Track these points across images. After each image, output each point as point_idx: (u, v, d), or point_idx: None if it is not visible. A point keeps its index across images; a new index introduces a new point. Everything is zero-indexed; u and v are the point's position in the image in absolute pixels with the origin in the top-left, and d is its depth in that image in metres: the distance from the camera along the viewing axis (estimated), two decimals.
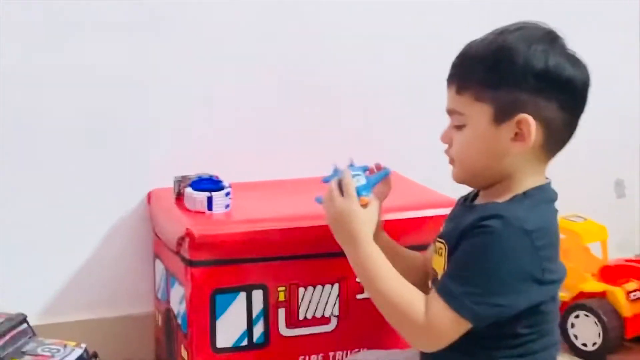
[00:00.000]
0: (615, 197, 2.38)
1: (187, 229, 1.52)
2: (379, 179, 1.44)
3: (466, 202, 1.38)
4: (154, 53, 1.81)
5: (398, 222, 1.61)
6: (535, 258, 1.21)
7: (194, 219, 1.58)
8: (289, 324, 1.59)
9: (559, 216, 2.13)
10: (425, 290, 1.28)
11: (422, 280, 1.38)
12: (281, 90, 1.93)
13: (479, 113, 1.25)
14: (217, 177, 1.70)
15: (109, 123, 1.79)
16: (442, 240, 1.31)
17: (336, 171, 1.41)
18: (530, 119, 1.22)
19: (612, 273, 1.97)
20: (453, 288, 1.22)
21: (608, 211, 2.26)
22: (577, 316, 1.93)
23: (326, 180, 1.40)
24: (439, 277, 1.30)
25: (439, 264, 1.31)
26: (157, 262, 1.79)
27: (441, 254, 1.31)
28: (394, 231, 1.50)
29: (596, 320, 1.90)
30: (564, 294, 1.97)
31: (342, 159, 1.43)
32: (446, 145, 1.33)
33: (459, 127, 1.29)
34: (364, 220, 1.33)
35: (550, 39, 1.25)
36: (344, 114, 1.99)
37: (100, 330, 1.80)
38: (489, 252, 1.20)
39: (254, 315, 1.56)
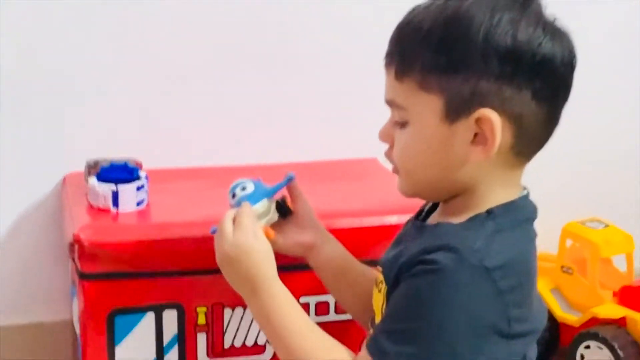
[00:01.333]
0: None
1: (75, 234, 1.23)
2: (278, 188, 1.16)
3: (419, 218, 1.07)
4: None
5: (357, 231, 1.34)
6: (499, 304, 0.92)
7: (91, 220, 1.30)
8: (212, 354, 1.32)
9: (574, 221, 1.79)
10: None
11: None
12: (222, 58, 1.64)
13: (425, 107, 0.96)
14: (137, 163, 1.39)
15: (19, 89, 1.53)
16: (381, 272, 1.03)
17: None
18: (493, 115, 0.93)
19: (636, 295, 1.63)
20: (386, 346, 0.93)
21: (637, 214, 1.92)
22: (587, 347, 1.61)
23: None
24: (376, 318, 1.04)
25: (377, 301, 1.04)
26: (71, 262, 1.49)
27: (380, 290, 1.02)
28: (351, 242, 1.24)
29: (610, 355, 1.58)
30: (573, 317, 1.64)
31: (299, 143, 1.21)
32: (386, 146, 1.03)
33: (401, 125, 0.99)
34: (264, 256, 1.05)
35: (521, 2, 0.94)
36: (307, 88, 1.70)
37: (6, 340, 1.58)
38: (434, 298, 0.91)
39: (166, 341, 1.30)
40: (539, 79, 0.93)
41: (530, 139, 0.96)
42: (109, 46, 1.57)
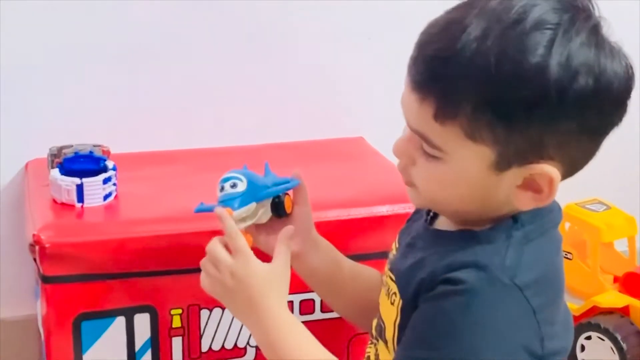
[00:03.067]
0: None
1: (35, 235, 1.13)
2: (273, 193, 1.05)
3: (427, 219, 0.96)
4: None
5: (346, 222, 1.26)
6: (532, 324, 0.85)
7: (53, 217, 1.20)
8: (189, 358, 1.24)
9: (574, 203, 1.70)
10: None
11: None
12: (200, 33, 1.53)
13: (471, 156, 0.83)
14: (105, 150, 1.28)
15: None
16: (394, 281, 0.93)
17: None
18: (553, 172, 0.82)
19: None
20: None
21: None
22: (588, 337, 1.54)
23: (199, 210, 1.04)
24: (387, 331, 0.94)
25: (389, 314, 0.93)
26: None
27: (393, 302, 0.93)
28: (341, 236, 1.20)
29: (613, 346, 1.51)
30: (573, 305, 1.56)
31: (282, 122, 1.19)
32: (393, 138, 0.91)
33: (430, 157, 0.85)
34: (269, 278, 0.95)
35: (591, 27, 0.81)
36: (290, 64, 1.60)
37: None
38: (464, 321, 0.83)
39: (138, 347, 1.22)
40: (605, 122, 0.83)
41: (576, 171, 0.86)
42: (76, 24, 1.46)
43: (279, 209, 1.05)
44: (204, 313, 1.22)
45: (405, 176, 0.90)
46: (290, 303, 1.24)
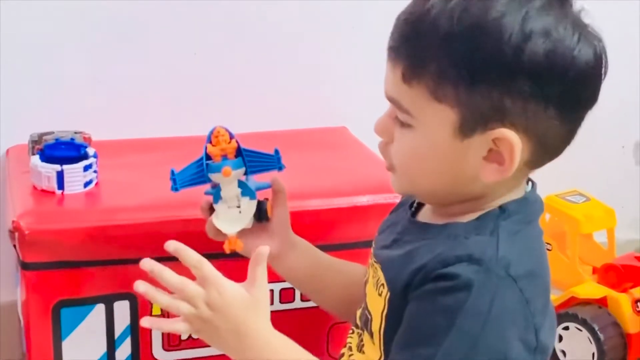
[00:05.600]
0: (634, 163, 1.95)
1: (15, 222, 1.12)
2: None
3: (411, 210, 0.97)
4: None
5: (328, 212, 1.25)
6: (527, 315, 0.86)
7: (33, 204, 1.19)
8: (168, 346, 1.23)
9: (554, 194, 1.71)
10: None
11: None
12: (185, 19, 1.52)
13: (435, 117, 0.86)
14: (86, 137, 1.28)
15: None
16: (378, 266, 0.93)
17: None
18: (514, 137, 0.84)
19: (618, 273, 1.57)
20: None
21: (621, 185, 1.86)
22: (566, 328, 1.54)
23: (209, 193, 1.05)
24: (374, 323, 0.93)
25: (377, 305, 0.93)
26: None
27: (381, 293, 0.93)
28: (322, 225, 1.21)
29: (590, 337, 1.51)
30: (552, 296, 1.56)
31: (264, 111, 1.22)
32: (375, 126, 0.93)
33: (404, 125, 0.88)
34: (251, 304, 0.92)
35: (558, 6, 0.83)
36: (273, 51, 1.59)
37: None
38: (463, 315, 0.83)
39: (117, 334, 1.21)
40: (569, 95, 0.84)
41: (548, 153, 0.88)
42: (58, 8, 1.45)
43: (261, 214, 1.05)
44: None
45: (386, 158, 0.92)
46: (271, 292, 1.21)
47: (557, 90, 0.83)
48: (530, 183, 0.93)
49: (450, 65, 0.82)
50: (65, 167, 1.19)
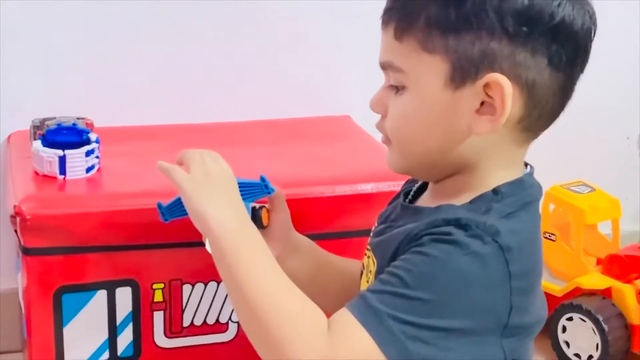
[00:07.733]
0: (639, 155, 1.92)
1: (16, 206, 1.11)
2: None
3: (406, 200, 0.96)
4: None
5: (331, 199, 1.23)
6: (505, 289, 0.83)
7: (35, 189, 1.17)
8: (170, 333, 1.21)
9: (558, 184, 1.70)
10: None
11: None
12: (184, 7, 1.50)
13: (427, 69, 0.86)
14: (88, 123, 1.26)
15: None
16: (370, 254, 0.93)
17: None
18: (504, 80, 0.84)
19: (622, 264, 1.55)
20: (379, 306, 0.81)
21: (625, 176, 1.84)
22: (570, 319, 1.52)
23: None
24: None
25: (366, 285, 0.94)
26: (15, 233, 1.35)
27: (369, 279, 0.92)
28: (325, 213, 1.20)
29: (594, 328, 1.49)
30: (556, 286, 1.55)
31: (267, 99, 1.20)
32: (379, 116, 0.93)
33: (398, 90, 0.88)
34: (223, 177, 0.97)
35: None
36: (275, 40, 1.57)
37: None
38: (443, 269, 0.81)
39: (119, 320, 1.18)
40: (556, 43, 0.84)
41: (541, 111, 0.87)
42: None
43: (256, 223, 1.01)
44: (186, 288, 1.19)
45: (382, 132, 0.91)
46: None
47: (543, 36, 0.84)
48: (528, 167, 0.92)
49: (438, 13, 0.84)
50: (67, 152, 1.17)
